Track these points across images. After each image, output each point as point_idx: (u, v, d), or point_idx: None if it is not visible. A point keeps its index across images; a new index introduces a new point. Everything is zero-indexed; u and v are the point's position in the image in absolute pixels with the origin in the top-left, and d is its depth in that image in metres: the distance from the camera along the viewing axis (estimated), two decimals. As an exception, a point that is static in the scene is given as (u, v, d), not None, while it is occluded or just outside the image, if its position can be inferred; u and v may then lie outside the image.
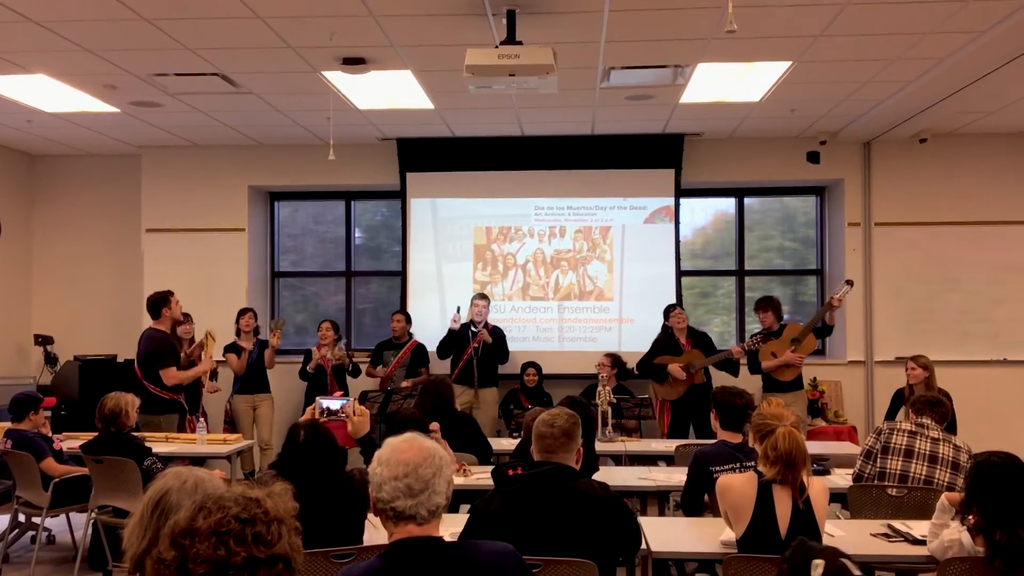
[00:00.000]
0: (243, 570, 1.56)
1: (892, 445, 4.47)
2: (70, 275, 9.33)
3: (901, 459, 4.41)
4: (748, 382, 6.91)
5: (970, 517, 3.33)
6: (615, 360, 7.61)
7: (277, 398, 8.07)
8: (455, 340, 7.95)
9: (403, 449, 2.25)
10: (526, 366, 8.07)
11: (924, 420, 4.51)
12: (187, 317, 7.30)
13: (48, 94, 6.82)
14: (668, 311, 7.78)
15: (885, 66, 6.14)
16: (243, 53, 5.83)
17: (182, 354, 7.14)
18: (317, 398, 4.27)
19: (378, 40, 5.53)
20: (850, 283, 7.50)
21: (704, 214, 9.31)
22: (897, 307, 8.48)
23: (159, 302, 6.85)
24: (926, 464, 4.32)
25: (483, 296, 8.10)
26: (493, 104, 7.20)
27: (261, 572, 1.57)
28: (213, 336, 7.13)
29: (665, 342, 7.67)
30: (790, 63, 6.07)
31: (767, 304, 7.58)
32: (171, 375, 6.68)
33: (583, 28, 5.35)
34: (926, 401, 4.61)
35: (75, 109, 7.29)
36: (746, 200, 9.19)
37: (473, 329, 7.92)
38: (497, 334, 8.03)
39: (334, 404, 4.16)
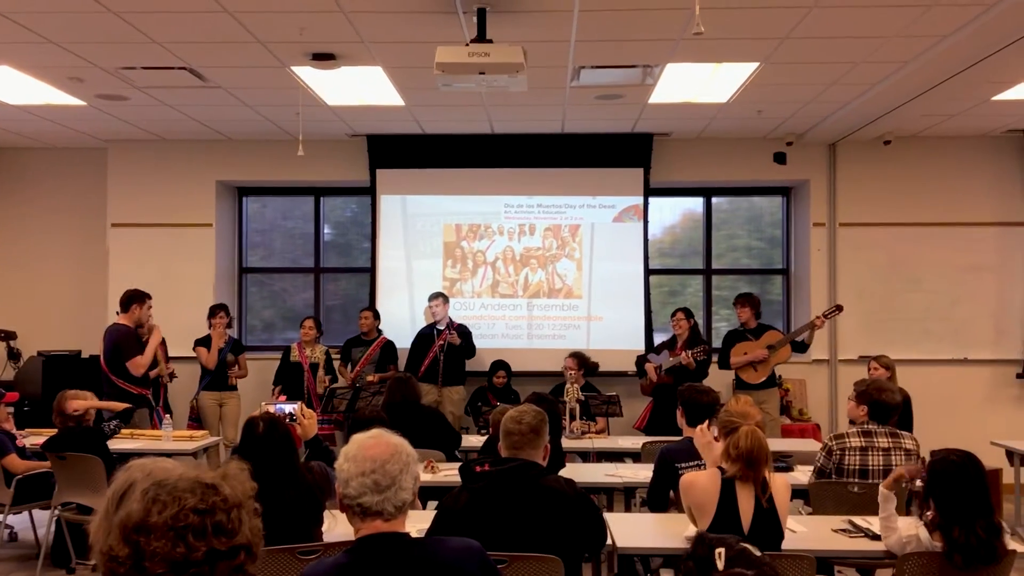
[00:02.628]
0: (204, 564, 1.46)
1: (846, 467, 4.52)
2: (34, 270, 9.20)
3: (857, 480, 4.47)
4: (715, 378, 6.98)
5: (928, 513, 3.40)
6: (581, 360, 7.60)
7: (244, 396, 8.02)
8: (423, 344, 7.95)
9: (370, 445, 2.26)
10: (496, 367, 8.04)
11: (871, 426, 4.57)
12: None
13: (12, 86, 6.72)
14: (688, 314, 7.74)
15: (851, 68, 6.23)
16: (211, 47, 5.79)
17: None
18: (262, 403, 4.30)
19: (348, 36, 5.52)
20: (839, 308, 7.63)
21: (672, 213, 9.37)
22: (861, 306, 8.60)
23: (134, 298, 6.81)
24: (882, 481, 4.40)
25: (440, 295, 8.09)
26: (463, 102, 7.20)
27: (223, 565, 1.48)
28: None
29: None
30: (757, 64, 6.14)
31: (746, 300, 7.64)
32: (137, 363, 6.64)
33: (553, 27, 5.37)
34: (872, 399, 4.64)
35: (40, 102, 7.19)
36: (714, 200, 9.26)
37: (438, 328, 7.93)
38: (463, 331, 8.04)
39: (285, 408, 4.20)
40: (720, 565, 1.85)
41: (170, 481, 1.53)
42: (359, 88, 6.79)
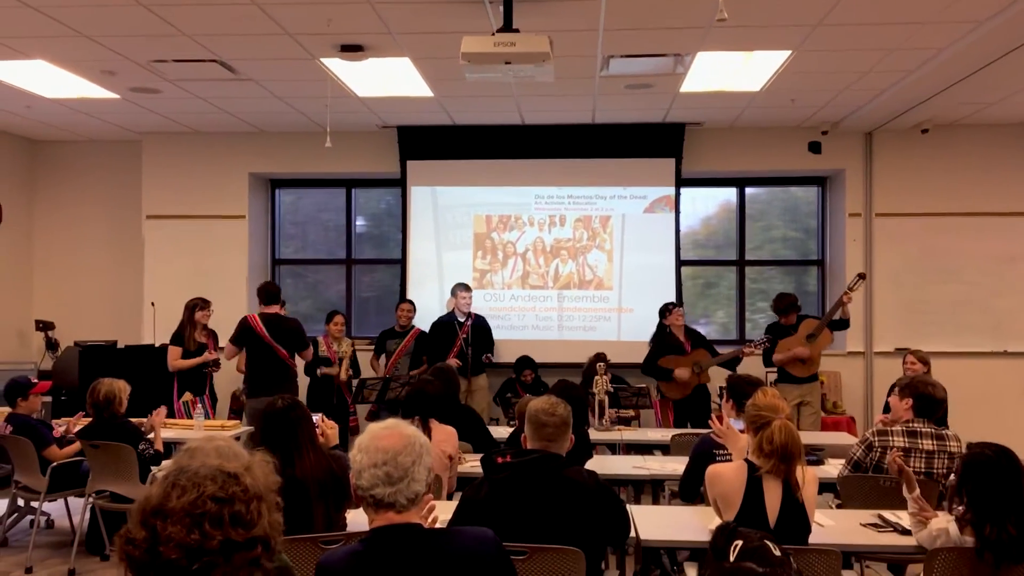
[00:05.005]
0: (219, 555, 1.44)
1: (885, 466, 4.36)
2: (71, 261, 9.35)
3: (895, 481, 4.35)
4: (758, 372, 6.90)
5: (959, 508, 3.32)
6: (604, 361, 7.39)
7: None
8: (443, 332, 7.96)
9: (383, 436, 2.25)
10: (521, 366, 8.00)
11: (916, 425, 4.45)
12: (206, 303, 7.24)
13: (48, 80, 6.82)
14: (666, 310, 7.60)
15: (885, 56, 6.11)
16: (241, 40, 5.83)
17: (196, 337, 7.10)
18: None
19: (375, 27, 5.52)
20: (862, 276, 7.49)
21: (708, 204, 9.29)
22: (897, 298, 8.47)
23: (278, 292, 7.11)
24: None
25: (467, 287, 8.08)
26: (493, 92, 7.18)
27: (238, 556, 1.46)
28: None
29: (666, 341, 7.55)
30: (789, 52, 6.05)
31: (789, 308, 7.47)
32: (307, 355, 7.20)
33: (581, 16, 5.33)
34: (919, 392, 4.54)
35: (75, 95, 7.30)
36: (750, 190, 9.16)
37: (459, 320, 7.93)
38: (482, 324, 8.03)
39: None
40: (732, 557, 1.83)
41: (192, 467, 1.52)
42: (388, 79, 6.80)
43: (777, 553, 1.89)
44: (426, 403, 4.62)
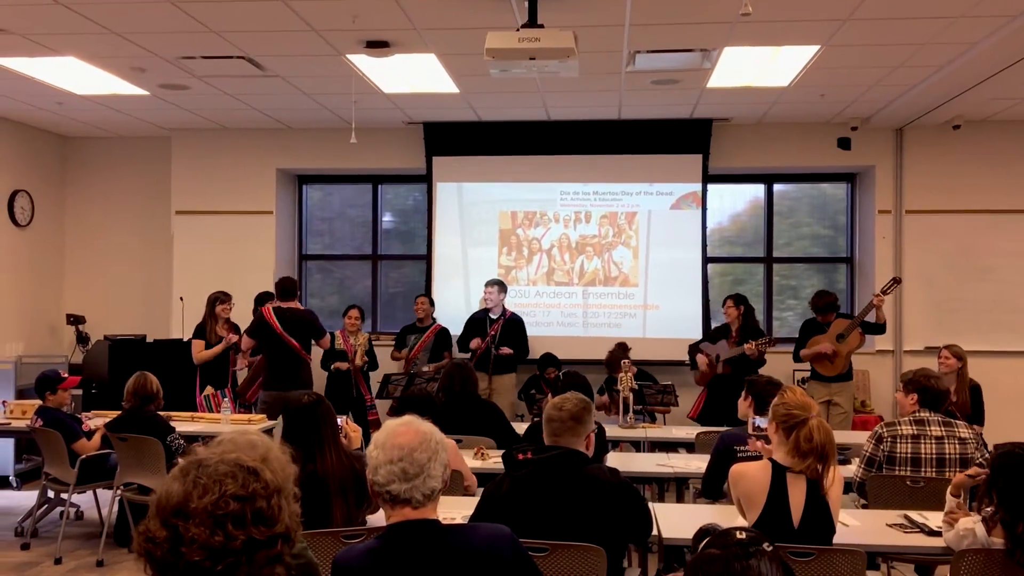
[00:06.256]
0: (241, 554, 1.44)
1: (897, 455, 4.38)
2: (102, 256, 9.46)
3: (909, 469, 4.34)
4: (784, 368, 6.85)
5: (988, 508, 3.28)
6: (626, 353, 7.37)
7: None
8: (473, 328, 7.96)
9: (399, 432, 2.25)
10: (545, 363, 7.97)
11: (923, 414, 4.43)
12: (227, 297, 7.33)
13: (78, 76, 6.90)
14: (739, 301, 7.54)
15: (916, 51, 6.03)
16: (268, 36, 5.86)
17: (217, 331, 7.18)
18: None
19: (401, 23, 5.53)
20: (897, 280, 7.41)
21: (738, 201, 9.21)
22: (928, 296, 8.36)
23: (296, 287, 7.25)
24: (934, 470, 4.26)
25: (494, 282, 8.06)
26: (518, 88, 7.17)
27: (260, 555, 1.46)
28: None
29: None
30: (818, 47, 5.98)
31: (828, 307, 7.37)
32: (326, 343, 7.38)
33: (606, 11, 5.30)
34: (921, 385, 4.50)
35: (105, 91, 7.38)
36: (779, 186, 9.08)
37: (492, 316, 7.93)
38: (516, 322, 8.02)
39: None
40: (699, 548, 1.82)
41: (211, 463, 1.51)
42: (414, 75, 6.81)
43: (741, 536, 1.86)
44: (429, 411, 4.57)
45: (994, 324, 8.27)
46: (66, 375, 6.18)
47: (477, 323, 8.02)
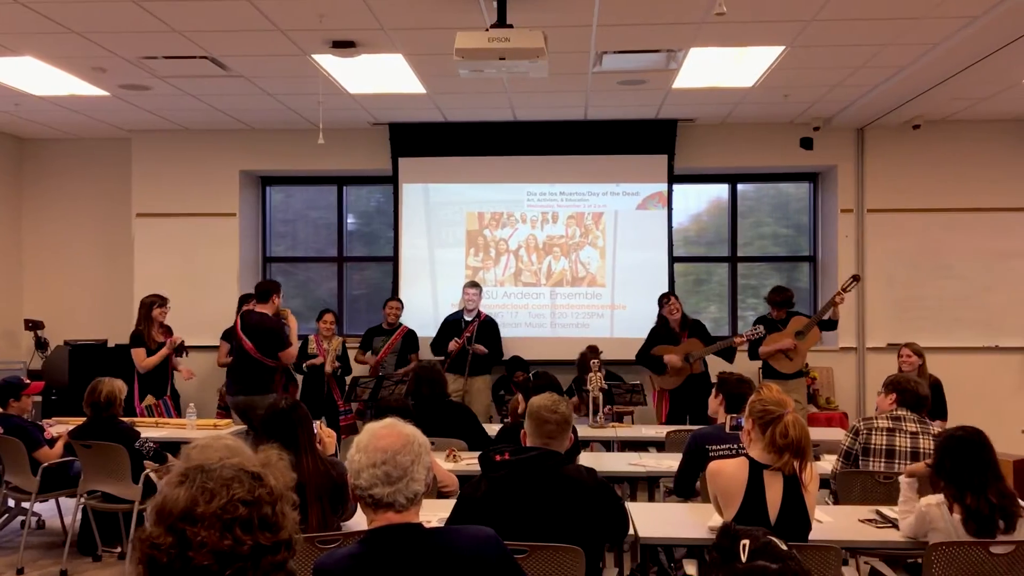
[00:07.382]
0: (248, 559, 1.42)
1: (872, 446, 4.45)
2: (60, 260, 9.28)
3: (883, 460, 4.40)
4: (743, 368, 6.89)
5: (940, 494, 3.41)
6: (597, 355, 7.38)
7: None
8: (449, 329, 7.94)
9: (382, 435, 2.22)
10: (513, 367, 7.95)
11: (900, 412, 4.50)
12: (164, 300, 7.14)
13: (37, 77, 6.76)
14: (662, 300, 7.70)
15: (878, 51, 6.11)
16: (232, 36, 5.78)
17: (155, 335, 7.01)
18: None
19: (368, 23, 5.49)
20: (856, 278, 7.50)
21: (699, 201, 9.28)
22: (889, 294, 8.48)
23: (273, 289, 6.98)
24: (909, 462, 4.32)
25: (474, 284, 8.06)
26: (485, 89, 7.16)
27: (266, 561, 1.44)
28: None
29: (662, 332, 7.62)
30: (783, 48, 6.04)
31: (784, 303, 7.50)
32: (291, 355, 7.01)
33: (575, 11, 5.31)
34: (901, 387, 4.58)
35: (64, 92, 7.24)
36: (741, 186, 9.16)
37: (467, 318, 7.91)
38: (491, 325, 8.00)
39: None
40: (744, 557, 1.81)
41: (215, 468, 1.49)
42: (380, 76, 6.77)
43: (784, 547, 1.88)
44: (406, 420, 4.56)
45: (954, 321, 8.41)
46: (28, 381, 6.05)
47: (452, 324, 8.00)
